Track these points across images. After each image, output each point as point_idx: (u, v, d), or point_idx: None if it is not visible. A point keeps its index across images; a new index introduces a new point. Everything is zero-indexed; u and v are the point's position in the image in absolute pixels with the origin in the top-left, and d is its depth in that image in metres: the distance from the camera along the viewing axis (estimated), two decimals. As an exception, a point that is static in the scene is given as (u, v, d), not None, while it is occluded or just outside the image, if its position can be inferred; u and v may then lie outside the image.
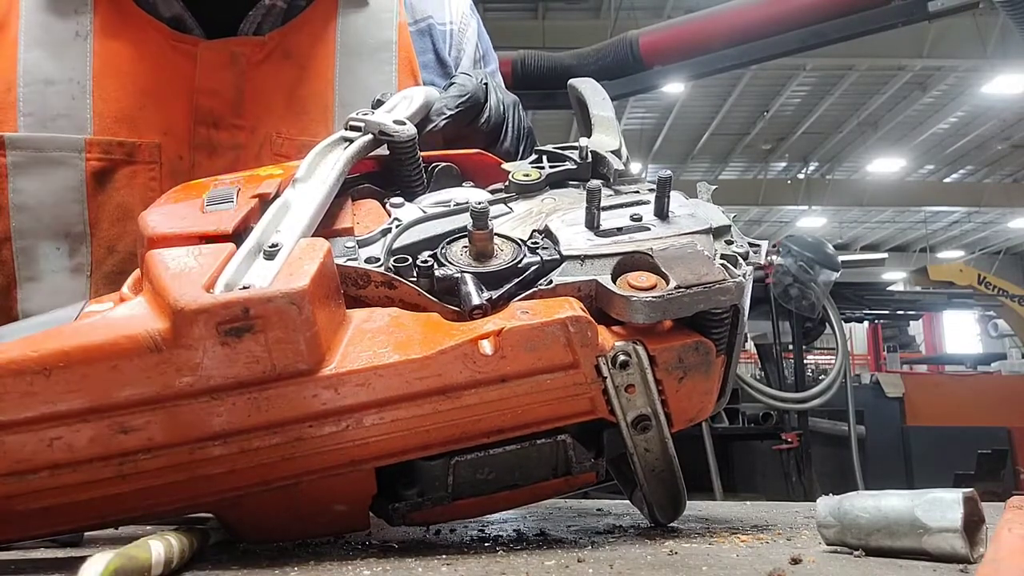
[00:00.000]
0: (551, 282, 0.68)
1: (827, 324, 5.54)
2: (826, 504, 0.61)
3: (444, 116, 0.88)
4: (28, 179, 1.02)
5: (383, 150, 0.82)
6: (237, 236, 0.67)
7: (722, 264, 0.69)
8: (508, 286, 0.67)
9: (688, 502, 0.75)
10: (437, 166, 0.84)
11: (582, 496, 1.05)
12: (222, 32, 1.08)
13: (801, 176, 16.64)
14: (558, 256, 0.69)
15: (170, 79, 1.06)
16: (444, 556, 0.61)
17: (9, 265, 1.03)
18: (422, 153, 0.83)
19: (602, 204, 0.73)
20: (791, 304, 5.37)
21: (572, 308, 0.64)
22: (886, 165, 16.08)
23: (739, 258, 0.72)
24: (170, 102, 1.05)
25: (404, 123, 0.81)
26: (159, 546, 0.53)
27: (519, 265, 0.68)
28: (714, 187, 0.83)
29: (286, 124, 1.09)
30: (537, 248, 0.70)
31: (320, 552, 0.66)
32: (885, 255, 11.96)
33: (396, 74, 1.14)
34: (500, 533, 0.78)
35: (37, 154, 1.02)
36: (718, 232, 0.74)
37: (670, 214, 0.75)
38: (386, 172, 0.83)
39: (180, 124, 1.05)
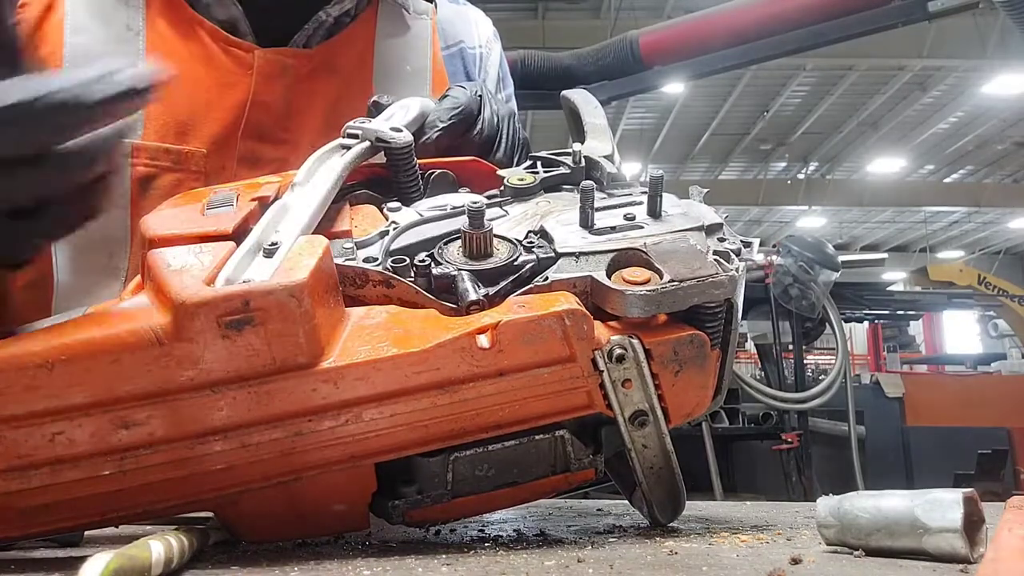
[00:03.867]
0: (547, 279, 0.68)
1: (827, 324, 5.55)
2: (826, 504, 0.61)
3: (437, 128, 0.88)
4: None
5: (380, 158, 0.83)
6: (237, 237, 0.67)
7: (715, 260, 0.70)
8: (504, 283, 0.68)
9: (688, 502, 0.75)
10: (433, 173, 0.85)
11: (582, 496, 1.05)
12: (270, 41, 1.06)
13: (801, 176, 16.64)
14: (553, 254, 0.70)
15: (222, 85, 1.03)
16: (444, 556, 0.61)
17: (47, 263, 1.02)
18: (419, 160, 0.84)
19: (596, 205, 0.74)
20: (791, 304, 5.38)
21: (568, 301, 0.64)
22: (886, 165, 16.09)
23: (732, 254, 0.73)
24: (220, 110, 1.03)
25: (401, 130, 0.82)
26: (159, 546, 0.53)
27: (515, 263, 0.69)
28: (706, 190, 0.83)
29: (324, 138, 1.06)
30: (533, 247, 0.71)
31: (320, 552, 0.66)
32: (885, 255, 11.99)
33: (431, 97, 1.16)
34: (500, 533, 0.78)
35: None
36: (710, 229, 0.75)
37: (663, 213, 0.76)
38: (383, 179, 0.84)
39: (227, 133, 1.03)
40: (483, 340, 0.62)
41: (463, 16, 1.29)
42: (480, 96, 0.94)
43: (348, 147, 0.81)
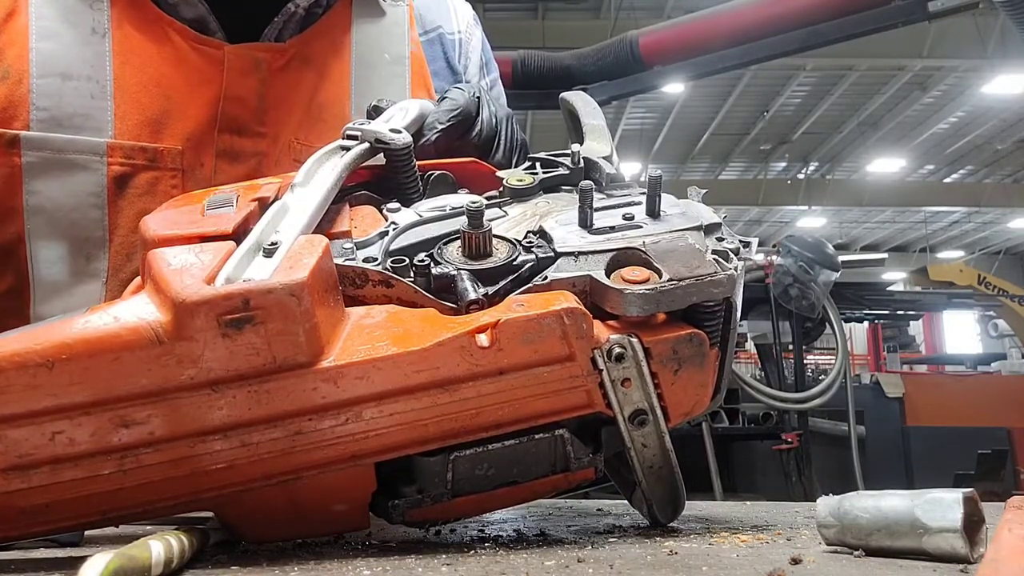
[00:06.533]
0: (546, 278, 0.69)
1: (827, 324, 5.54)
2: (826, 504, 0.61)
3: (436, 130, 0.88)
4: (45, 181, 0.98)
5: (380, 159, 0.83)
6: (237, 237, 0.68)
7: (713, 259, 0.70)
8: (504, 282, 0.68)
9: (688, 502, 0.75)
10: (432, 174, 0.85)
11: (582, 496, 1.05)
12: (241, 37, 1.06)
13: (801, 176, 16.64)
14: (552, 253, 0.70)
15: (194, 83, 1.03)
16: (444, 556, 0.61)
17: (23, 266, 1.00)
18: (418, 162, 0.84)
19: (595, 205, 0.74)
20: (791, 304, 5.37)
21: (567, 300, 0.65)
22: (886, 165, 16.08)
23: (730, 253, 0.73)
24: (193, 107, 1.03)
25: (400, 132, 0.83)
26: (159, 546, 0.53)
27: (514, 263, 0.69)
28: (704, 191, 0.84)
29: (304, 131, 1.07)
30: (532, 247, 0.72)
31: (320, 552, 0.66)
32: (885, 255, 11.98)
33: (409, 85, 1.15)
34: (500, 533, 0.78)
35: (56, 155, 0.98)
36: (708, 229, 0.76)
37: (661, 213, 0.76)
38: (383, 181, 0.84)
39: (203, 130, 1.03)
40: (483, 339, 0.62)
41: (440, 1, 1.28)
42: (478, 98, 0.94)
43: (347, 148, 0.81)
